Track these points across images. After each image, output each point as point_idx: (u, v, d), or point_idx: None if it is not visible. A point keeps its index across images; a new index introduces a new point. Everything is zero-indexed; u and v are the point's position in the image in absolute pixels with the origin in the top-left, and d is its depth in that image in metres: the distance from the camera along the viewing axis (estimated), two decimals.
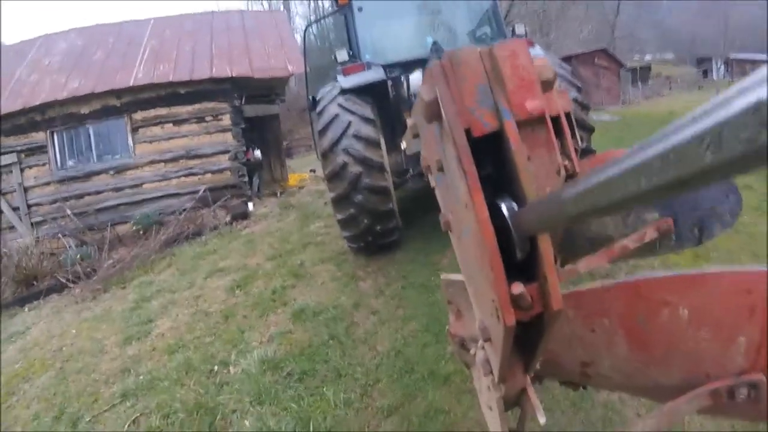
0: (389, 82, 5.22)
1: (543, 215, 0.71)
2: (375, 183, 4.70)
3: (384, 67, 5.12)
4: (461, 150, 0.87)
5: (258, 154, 11.54)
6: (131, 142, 10.21)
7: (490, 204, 0.86)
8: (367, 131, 4.71)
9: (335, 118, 4.75)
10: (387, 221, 5.01)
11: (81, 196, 10.08)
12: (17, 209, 10.05)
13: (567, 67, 5.18)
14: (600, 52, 28.64)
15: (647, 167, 0.44)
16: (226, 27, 12.52)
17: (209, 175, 10.32)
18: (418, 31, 5.92)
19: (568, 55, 25.00)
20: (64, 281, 7.29)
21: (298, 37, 13.01)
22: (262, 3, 41.87)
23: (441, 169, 1.10)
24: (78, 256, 8.29)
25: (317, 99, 5.19)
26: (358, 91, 4.92)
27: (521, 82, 0.96)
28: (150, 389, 3.77)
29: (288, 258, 6.15)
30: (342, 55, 5.33)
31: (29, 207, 10.09)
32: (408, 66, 5.25)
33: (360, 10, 5.65)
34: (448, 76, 0.94)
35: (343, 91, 4.92)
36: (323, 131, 4.79)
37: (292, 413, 3.19)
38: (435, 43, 5.34)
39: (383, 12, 5.76)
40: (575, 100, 4.80)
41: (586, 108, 5.14)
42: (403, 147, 5.12)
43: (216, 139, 10.43)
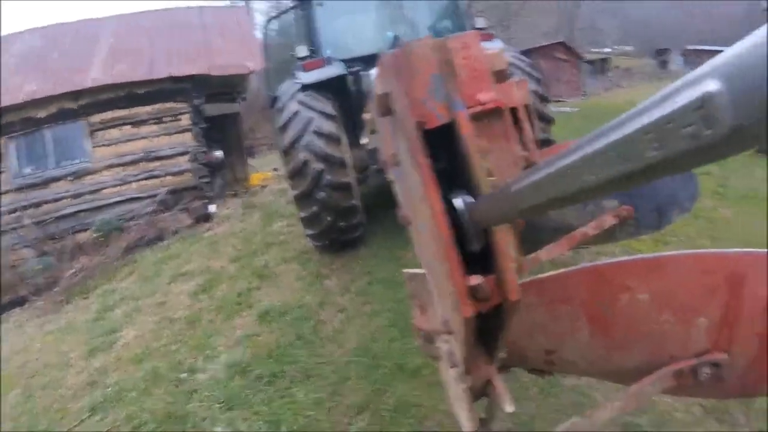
0: (350, 77, 5.17)
1: (494, 208, 0.70)
2: (337, 179, 4.65)
3: (345, 62, 5.07)
4: (413, 142, 0.85)
5: (219, 154, 11.26)
6: (90, 145, 9.83)
7: (445, 198, 0.85)
8: (329, 127, 4.65)
9: (295, 114, 4.68)
10: (350, 217, 4.97)
11: (39, 204, 9.65)
12: None
13: (526, 60, 5.24)
14: (559, 44, 29.21)
15: (592, 162, 0.43)
16: (185, 23, 12.15)
17: (170, 178, 10.03)
18: (378, 26, 5.88)
19: (528, 49, 25.40)
20: (25, 294, 7.05)
21: (259, 34, 12.73)
22: None
23: (397, 164, 1.08)
24: (39, 267, 8.01)
25: (277, 95, 5.10)
26: (318, 87, 4.85)
27: (473, 73, 0.95)
28: (118, 401, 3.68)
29: (252, 259, 6.06)
30: (302, 51, 5.25)
31: None
32: (369, 61, 5.19)
33: (320, 4, 5.58)
34: (400, 68, 0.92)
35: (303, 87, 4.85)
36: (283, 128, 4.71)
37: (262, 417, 3.15)
38: (396, 38, 5.32)
39: (344, 7, 5.71)
40: (535, 92, 4.86)
41: (545, 100, 5.21)
42: (364, 142, 5.08)
43: (176, 140, 10.15)
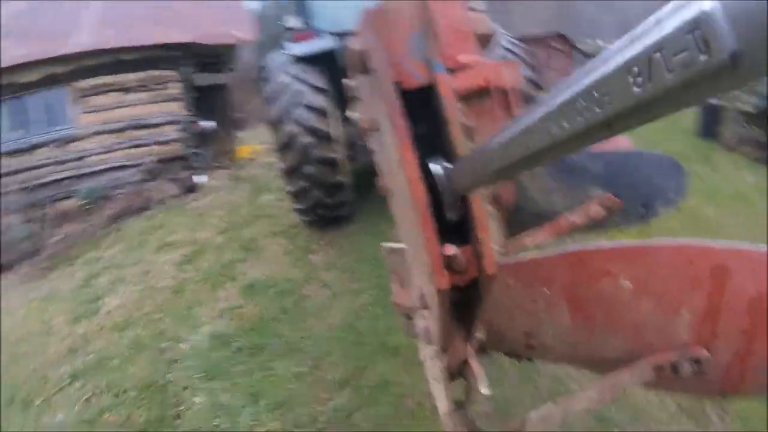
0: (340, 51, 5.06)
1: (470, 172, 0.67)
2: (325, 155, 4.59)
3: (335, 35, 4.97)
4: (390, 103, 0.81)
5: (208, 124, 11.05)
6: (76, 112, 9.59)
7: (424, 164, 0.82)
8: (318, 101, 4.58)
9: (285, 86, 4.59)
10: (338, 194, 4.93)
11: (24, 170, 9.42)
12: None
13: (522, 45, 5.16)
14: (557, 36, 28.93)
15: (569, 108, 0.39)
16: None
17: (157, 147, 9.82)
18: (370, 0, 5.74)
19: (524, 36, 25.13)
20: (10, 261, 6.96)
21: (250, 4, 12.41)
22: None
23: (376, 128, 1.04)
24: (24, 234, 7.86)
25: (267, 67, 4.99)
26: (308, 60, 4.76)
27: (455, 34, 0.92)
28: (100, 368, 3.67)
29: (238, 231, 6.01)
30: (292, 22, 5.12)
31: None
32: None
33: None
34: (378, 25, 0.88)
35: (293, 59, 4.75)
36: (272, 100, 4.63)
37: (243, 388, 3.16)
38: None
39: None
40: (529, 78, 4.80)
41: (539, 87, 5.16)
42: (353, 116, 4.98)
43: (164, 109, 9.92)
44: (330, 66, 4.95)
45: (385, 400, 2.95)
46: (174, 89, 9.98)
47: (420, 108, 0.86)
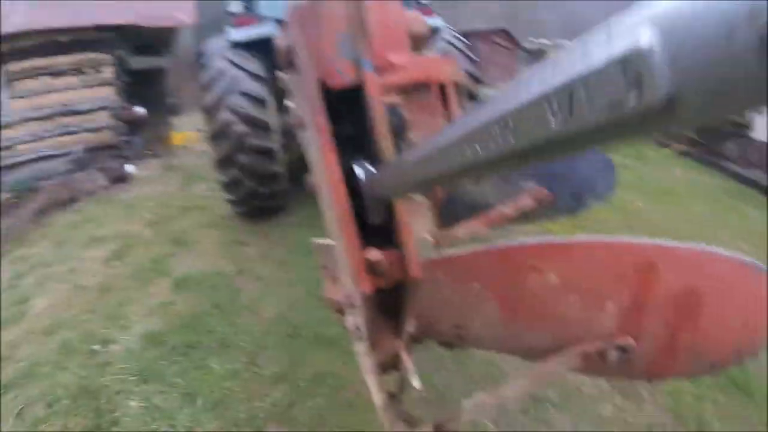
0: None
1: (390, 181, 0.66)
2: (261, 144, 4.50)
3: (278, 22, 4.84)
4: (312, 101, 0.79)
5: (141, 110, 10.51)
6: (5, 97, 8.95)
7: (349, 166, 0.80)
8: (255, 88, 4.47)
9: (221, 72, 4.45)
10: (272, 184, 4.85)
11: None
12: None
13: (464, 40, 5.24)
14: (501, 31, 29.59)
15: (484, 133, 0.36)
16: None
17: (86, 134, 9.32)
18: None
19: (470, 31, 25.53)
20: None
21: None
22: None
23: (303, 126, 1.01)
24: None
25: (204, 52, 4.81)
26: (248, 46, 4.63)
27: (387, 33, 0.90)
28: (31, 377, 3.45)
29: (169, 224, 5.82)
30: (234, 6, 4.95)
31: None
32: None
33: None
34: (306, 21, 0.85)
35: (232, 45, 4.60)
36: (208, 86, 4.48)
37: (178, 389, 3.08)
38: None
39: None
40: (469, 73, 4.88)
41: (478, 81, 5.26)
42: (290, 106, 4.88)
43: (96, 94, 9.42)
44: (270, 53, 4.82)
45: (323, 392, 2.95)
46: (108, 73, 9.48)
47: (348, 108, 0.84)
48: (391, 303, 1.02)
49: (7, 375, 3.50)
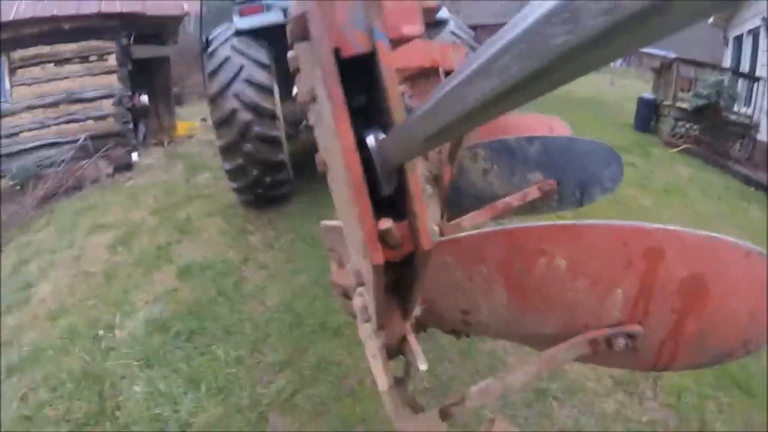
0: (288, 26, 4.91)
1: (401, 140, 0.66)
2: (266, 132, 4.49)
3: (284, 11, 4.82)
4: (327, 70, 0.78)
5: (145, 99, 10.50)
6: (8, 84, 8.94)
7: (360, 138, 0.79)
8: (261, 76, 4.46)
9: (227, 60, 4.45)
10: (278, 172, 4.85)
11: None
12: None
13: (470, 32, 5.23)
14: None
15: (493, 67, 0.37)
16: None
17: (91, 122, 9.29)
18: None
19: (475, 24, 25.43)
20: None
21: None
22: None
23: (314, 99, 1.00)
24: None
25: (210, 40, 4.79)
26: (253, 34, 4.62)
27: (401, 3, 0.89)
28: (35, 361, 3.48)
29: (173, 211, 5.82)
30: None
31: None
32: None
33: None
34: None
35: (238, 33, 4.59)
36: (213, 74, 4.47)
37: (182, 375, 3.09)
38: None
39: None
40: None
41: None
42: (296, 94, 4.87)
43: (100, 82, 9.38)
44: (276, 41, 4.82)
45: (326, 380, 2.96)
46: (112, 61, 9.46)
47: (357, 79, 0.83)
48: (399, 286, 1.02)
49: (11, 359, 3.53)
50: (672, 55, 12.01)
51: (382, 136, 0.80)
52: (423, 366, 1.19)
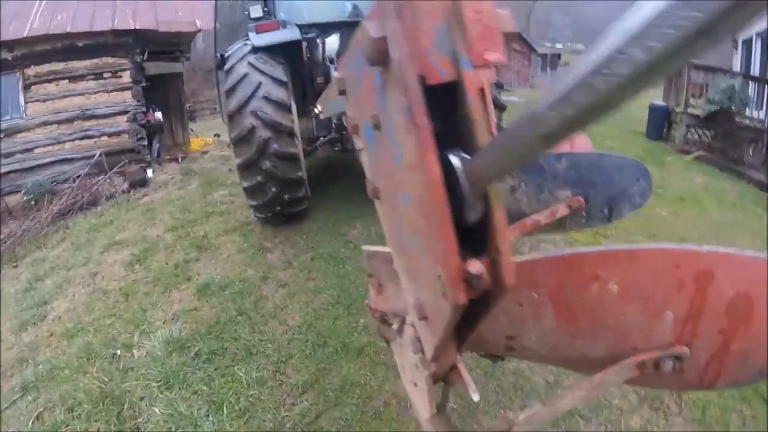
0: (304, 43, 4.95)
1: (503, 151, 0.62)
2: (284, 149, 4.48)
3: (299, 28, 4.85)
4: (413, 99, 0.73)
5: (159, 115, 10.62)
6: (23, 100, 9.06)
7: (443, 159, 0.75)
8: (279, 94, 4.46)
9: (245, 77, 4.45)
10: (296, 190, 4.83)
11: None
12: None
13: None
14: (515, 35, 29.69)
15: (609, 63, 0.40)
16: None
17: (106, 138, 9.43)
18: None
19: None
20: None
21: None
22: None
23: (377, 126, 0.96)
24: None
25: (226, 56, 4.82)
26: (270, 51, 4.63)
27: (484, 29, 0.85)
28: (51, 380, 3.44)
29: (190, 229, 5.80)
30: (256, 11, 4.96)
31: None
32: (324, 28, 4.98)
33: None
34: (403, 11, 0.80)
35: (255, 50, 4.60)
36: (231, 91, 4.48)
37: (203, 396, 3.04)
38: (355, 7, 5.14)
39: None
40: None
41: (499, 87, 5.25)
42: (317, 111, 4.89)
43: (114, 98, 9.52)
44: (292, 58, 4.83)
45: (351, 402, 2.90)
46: (126, 77, 9.58)
47: (435, 105, 0.79)
48: (464, 318, 0.98)
49: (27, 377, 3.50)
50: None
51: (464, 156, 0.76)
52: (476, 396, 1.17)
